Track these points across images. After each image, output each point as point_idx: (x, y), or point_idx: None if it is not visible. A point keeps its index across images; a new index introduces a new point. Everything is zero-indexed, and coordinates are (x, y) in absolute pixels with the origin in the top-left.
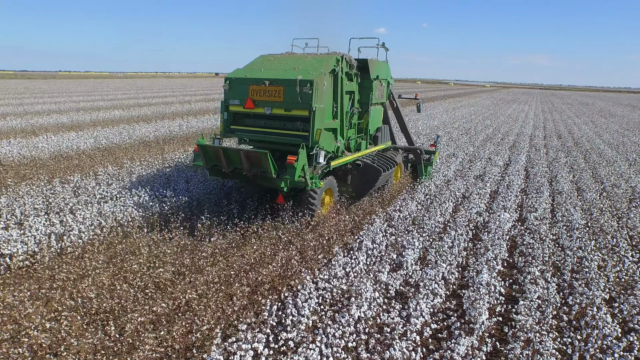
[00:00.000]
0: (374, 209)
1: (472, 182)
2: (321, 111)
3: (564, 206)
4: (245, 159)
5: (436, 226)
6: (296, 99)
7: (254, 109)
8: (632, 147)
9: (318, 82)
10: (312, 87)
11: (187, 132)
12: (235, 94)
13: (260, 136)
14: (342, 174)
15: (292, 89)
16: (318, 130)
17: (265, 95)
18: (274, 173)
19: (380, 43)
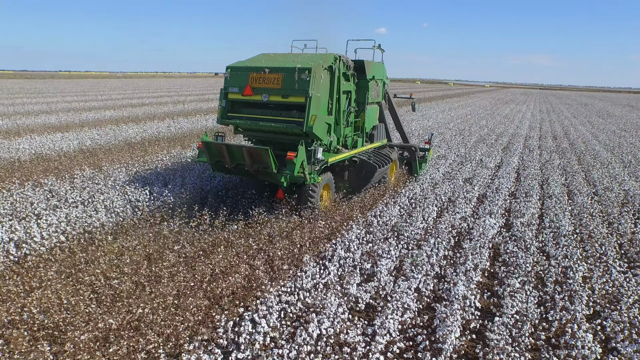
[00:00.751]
0: (353, 214)
1: (460, 185)
2: (317, 99)
3: (553, 211)
4: (247, 155)
5: (416, 233)
6: (294, 85)
7: (252, 96)
8: (628, 149)
9: (316, 71)
10: (310, 75)
11: (175, 133)
12: (235, 82)
13: (256, 123)
14: (340, 170)
15: (290, 76)
16: (313, 116)
17: (264, 83)
18: (275, 168)
19: (376, 45)
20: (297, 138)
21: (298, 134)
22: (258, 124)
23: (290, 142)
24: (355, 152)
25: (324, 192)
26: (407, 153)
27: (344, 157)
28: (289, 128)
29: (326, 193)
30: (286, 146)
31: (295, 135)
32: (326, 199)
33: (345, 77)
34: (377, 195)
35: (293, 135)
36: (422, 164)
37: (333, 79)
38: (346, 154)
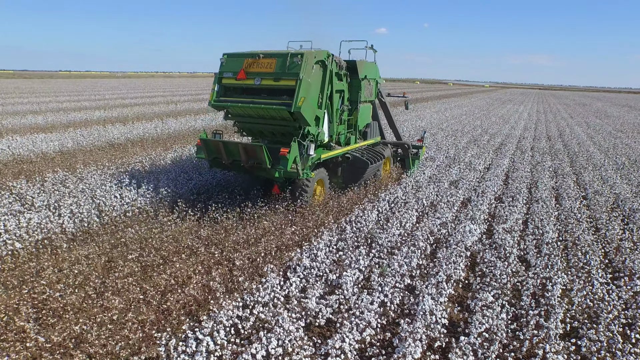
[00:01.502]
0: (326, 220)
1: (445, 188)
2: (307, 85)
3: (538, 216)
4: (243, 151)
5: (391, 240)
6: (286, 69)
7: (245, 80)
8: (622, 150)
9: (308, 57)
10: (302, 59)
11: (160, 134)
12: (230, 67)
13: (247, 106)
14: (333, 166)
15: (283, 60)
16: (302, 97)
17: (258, 67)
18: (269, 164)
19: (368, 45)
20: (286, 124)
21: (287, 118)
22: (249, 107)
23: (281, 131)
24: (348, 148)
25: (317, 187)
26: (400, 150)
27: (337, 153)
28: (278, 111)
29: (320, 188)
30: (277, 136)
31: (284, 120)
32: (320, 194)
33: (338, 77)
34: (355, 199)
35: (282, 120)
36: (415, 161)
37: (325, 75)
38: (339, 151)
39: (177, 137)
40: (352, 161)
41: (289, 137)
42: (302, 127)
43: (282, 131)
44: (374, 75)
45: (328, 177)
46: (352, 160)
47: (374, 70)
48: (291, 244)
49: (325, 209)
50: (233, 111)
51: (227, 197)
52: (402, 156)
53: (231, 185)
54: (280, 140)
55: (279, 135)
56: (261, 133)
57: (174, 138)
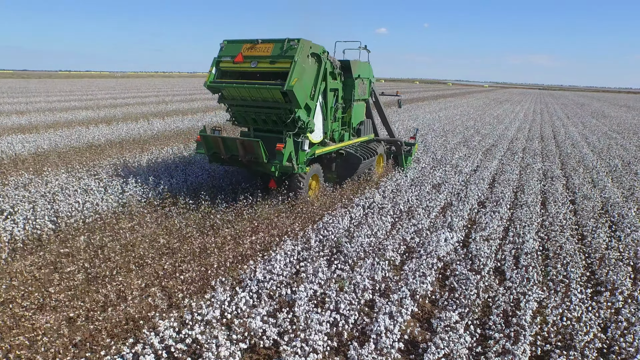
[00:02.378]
0: (292, 226)
1: (426, 192)
2: (302, 70)
3: (521, 223)
4: (240, 146)
5: (359, 250)
6: (282, 52)
7: (242, 62)
8: (616, 151)
9: (304, 44)
10: (298, 44)
11: (142, 134)
12: (228, 52)
13: (241, 86)
14: (327, 162)
15: (280, 45)
16: (295, 78)
17: (255, 51)
18: (265, 158)
19: (362, 46)
20: (278, 108)
21: (279, 101)
22: (243, 87)
23: (273, 117)
24: (342, 145)
25: (312, 181)
26: (394, 147)
27: (331, 149)
28: (271, 91)
29: (315, 183)
30: (269, 124)
31: (277, 103)
32: (315, 188)
33: (332, 76)
34: (328, 204)
35: (274, 103)
36: (407, 157)
37: (319, 70)
38: (333, 147)
39: (158, 138)
40: (346, 157)
41: (281, 125)
42: (293, 112)
43: (274, 117)
44: (368, 75)
45: (323, 173)
46: (346, 156)
47: (368, 70)
48: (250, 254)
49: (292, 215)
50: (227, 93)
51: (192, 203)
52: (395, 153)
53: (201, 188)
54: (272, 129)
55: (270, 123)
56: (254, 121)
57: (154, 139)
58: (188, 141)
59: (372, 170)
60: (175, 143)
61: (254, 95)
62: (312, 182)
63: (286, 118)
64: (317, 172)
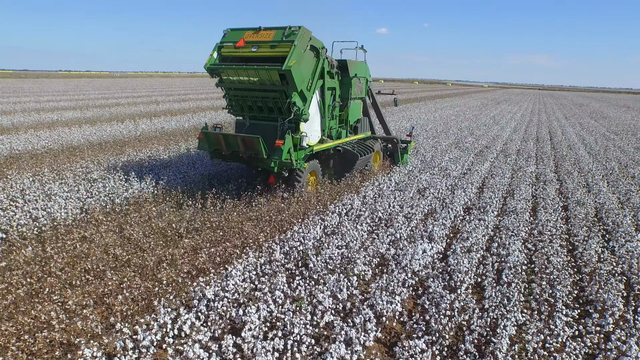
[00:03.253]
0: (257, 237)
1: (409, 197)
2: (300, 53)
3: (507, 232)
4: (241, 143)
5: (326, 265)
6: (282, 37)
7: (244, 47)
8: (614, 153)
9: (305, 32)
10: (299, 31)
11: (126, 136)
12: (231, 38)
13: (240, 67)
14: (325, 158)
15: (282, 32)
16: (294, 60)
17: (257, 37)
18: (265, 154)
19: (359, 46)
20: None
21: (276, 84)
22: (242, 68)
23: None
24: (339, 142)
25: (311, 177)
26: (390, 145)
27: (329, 146)
28: (269, 73)
29: (313, 178)
30: (265, 112)
31: (274, 85)
32: (313, 183)
33: (330, 75)
34: (299, 212)
35: (272, 85)
36: (403, 154)
37: (317, 64)
38: (331, 143)
39: (140, 140)
40: (343, 153)
41: (277, 112)
42: (289, 96)
43: (270, 103)
44: (364, 74)
45: (321, 169)
46: (343, 152)
47: (364, 69)
48: (206, 268)
49: (260, 224)
50: (226, 77)
51: (154, 211)
52: (391, 150)
53: (170, 194)
54: (268, 117)
55: (266, 111)
56: (250, 108)
57: (136, 141)
58: (169, 143)
59: (368, 167)
60: (156, 145)
61: (252, 77)
62: (310, 177)
63: (282, 104)
64: (315, 168)
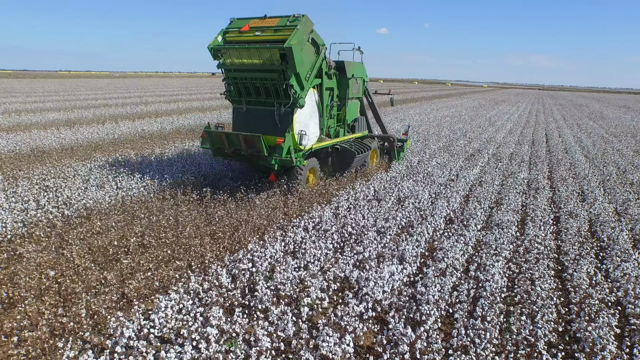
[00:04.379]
0: (205, 256)
1: (386, 208)
2: (302, 39)
3: (488, 251)
4: (243, 141)
5: (277, 290)
6: (286, 23)
7: (248, 31)
8: (612, 157)
9: (308, 20)
10: (303, 18)
11: (105, 138)
12: (236, 25)
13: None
14: (324, 156)
15: (286, 19)
16: (295, 40)
17: (262, 23)
18: (266, 152)
19: (356, 47)
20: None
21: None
22: (244, 48)
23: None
24: (337, 140)
25: (310, 174)
26: (387, 143)
27: (327, 144)
28: (270, 52)
29: (312, 176)
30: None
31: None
32: (312, 180)
33: (328, 76)
34: (263, 226)
35: (271, 66)
36: (400, 153)
37: (317, 60)
38: (329, 142)
39: (114, 143)
40: (341, 151)
41: (274, 97)
42: (288, 78)
43: (268, 85)
44: (361, 75)
45: (319, 166)
46: (341, 150)
47: (361, 70)
48: (136, 297)
49: (213, 239)
50: (228, 57)
51: (99, 226)
52: (388, 149)
53: (125, 209)
54: (265, 102)
55: (264, 95)
56: (248, 92)
57: (108, 144)
58: (143, 147)
59: (366, 164)
60: (129, 149)
61: (254, 58)
62: (309, 175)
63: (280, 86)
64: (314, 166)
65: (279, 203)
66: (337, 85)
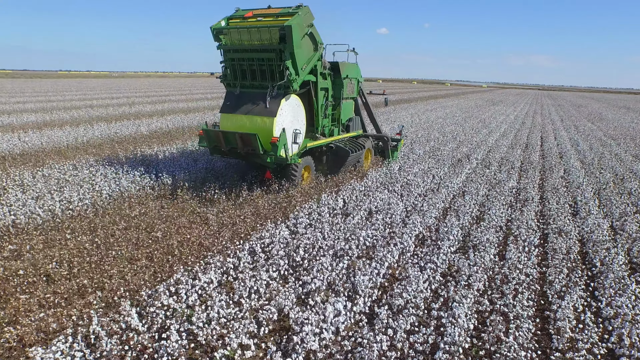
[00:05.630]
0: (115, 291)
1: (352, 225)
2: (301, 25)
3: (458, 282)
4: (239, 140)
5: (186, 342)
6: (288, 10)
7: (251, 17)
8: (610, 162)
9: (309, 11)
10: (305, 7)
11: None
12: (241, 13)
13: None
14: (319, 155)
15: (288, 8)
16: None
17: (265, 11)
18: (261, 150)
19: (350, 48)
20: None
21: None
22: (245, 28)
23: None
24: (331, 139)
25: (305, 172)
26: (381, 143)
27: (322, 143)
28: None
29: (307, 173)
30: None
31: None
32: (307, 178)
33: (322, 76)
34: (196, 251)
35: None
36: (394, 152)
37: (314, 56)
38: (323, 141)
39: (77, 148)
40: (336, 150)
41: (269, 80)
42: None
43: (265, 67)
44: (356, 75)
45: (314, 165)
46: (336, 149)
47: (356, 71)
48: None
49: (134, 269)
50: (228, 38)
51: (23, 245)
52: (382, 148)
53: (66, 226)
54: (259, 86)
55: (259, 78)
56: (243, 75)
57: (72, 149)
58: (111, 151)
59: (360, 163)
60: (90, 155)
61: (254, 38)
62: (304, 172)
63: (277, 68)
64: (309, 164)
65: (231, 219)
66: (332, 86)
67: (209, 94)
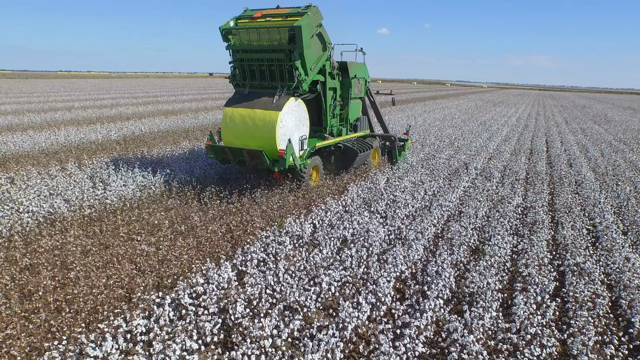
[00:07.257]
0: None
1: (320, 260)
2: (311, 25)
3: (452, 350)
4: (246, 154)
5: None
6: (297, 10)
7: (259, 17)
8: (626, 171)
9: (317, 10)
10: (314, 7)
11: (25, 149)
12: (249, 13)
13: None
14: (327, 154)
15: (297, 8)
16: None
17: (274, 12)
18: (269, 162)
19: (358, 48)
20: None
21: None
22: (254, 28)
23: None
24: (339, 139)
25: (313, 172)
26: (388, 143)
27: (330, 143)
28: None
29: (315, 173)
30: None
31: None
32: (315, 178)
33: (331, 76)
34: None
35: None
36: (401, 152)
37: (322, 56)
38: (332, 141)
39: (30, 157)
40: (344, 150)
41: (278, 80)
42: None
43: (274, 67)
44: (363, 75)
45: (323, 164)
46: (344, 149)
47: (363, 71)
48: None
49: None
50: (237, 39)
51: None
52: (389, 148)
53: None
54: (268, 86)
55: (268, 78)
56: (252, 76)
57: (24, 157)
58: (67, 159)
59: (367, 163)
60: (26, 166)
61: (263, 38)
62: (312, 172)
63: (286, 68)
64: (317, 164)
65: (156, 258)
66: (340, 86)
67: (199, 95)
